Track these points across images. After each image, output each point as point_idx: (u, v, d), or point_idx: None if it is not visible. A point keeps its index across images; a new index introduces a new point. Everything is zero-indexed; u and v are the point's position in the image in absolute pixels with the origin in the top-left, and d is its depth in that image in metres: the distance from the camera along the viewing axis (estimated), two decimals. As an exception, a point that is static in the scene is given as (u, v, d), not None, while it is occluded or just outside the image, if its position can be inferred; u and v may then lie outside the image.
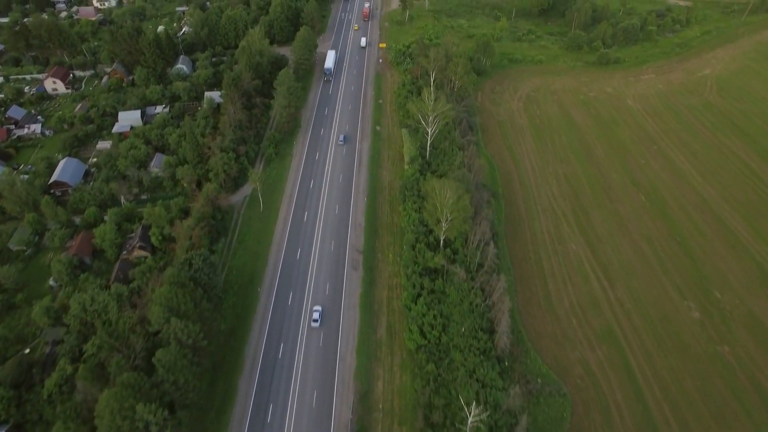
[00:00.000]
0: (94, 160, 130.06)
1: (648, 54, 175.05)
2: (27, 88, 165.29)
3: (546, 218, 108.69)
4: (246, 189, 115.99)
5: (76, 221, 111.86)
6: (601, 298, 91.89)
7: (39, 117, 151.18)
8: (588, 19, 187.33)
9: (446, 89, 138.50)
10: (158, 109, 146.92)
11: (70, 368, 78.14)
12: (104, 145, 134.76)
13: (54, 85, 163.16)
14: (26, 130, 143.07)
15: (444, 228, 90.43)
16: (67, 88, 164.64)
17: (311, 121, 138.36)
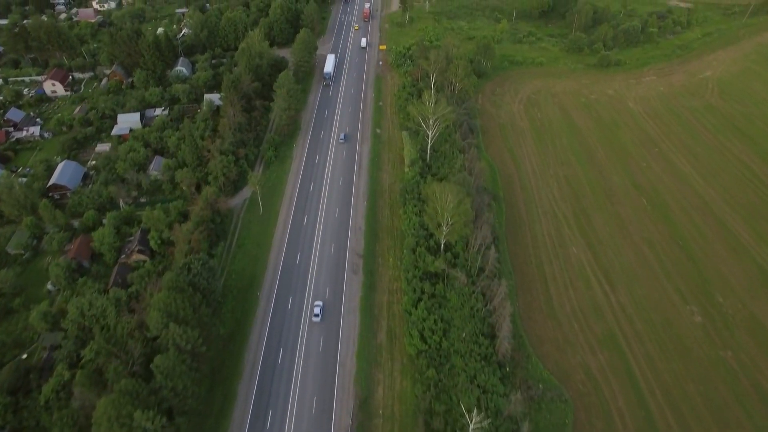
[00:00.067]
0: (93, 163, 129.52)
1: (649, 56, 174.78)
2: (26, 90, 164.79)
3: (547, 221, 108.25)
4: (245, 192, 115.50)
5: (75, 224, 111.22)
6: (603, 303, 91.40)
7: (38, 119, 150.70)
8: (589, 21, 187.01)
9: (447, 91, 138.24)
10: (157, 112, 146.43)
11: (68, 374, 77.53)
12: (103, 148, 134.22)
13: (53, 88, 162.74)
14: (25, 133, 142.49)
15: (445, 232, 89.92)
16: (66, 91, 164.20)
17: (311, 124, 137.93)
